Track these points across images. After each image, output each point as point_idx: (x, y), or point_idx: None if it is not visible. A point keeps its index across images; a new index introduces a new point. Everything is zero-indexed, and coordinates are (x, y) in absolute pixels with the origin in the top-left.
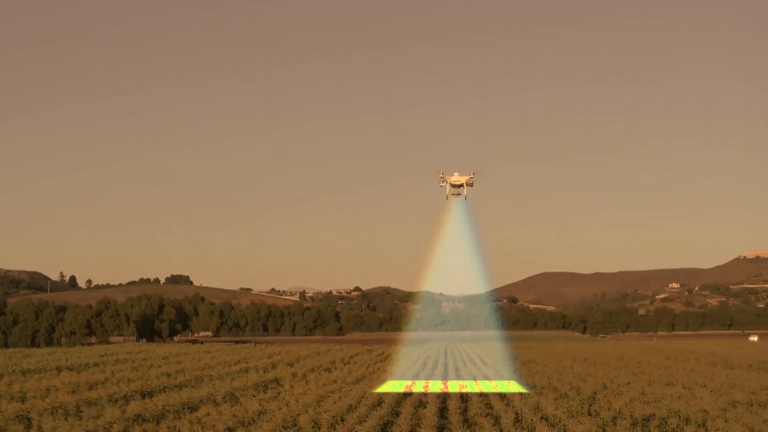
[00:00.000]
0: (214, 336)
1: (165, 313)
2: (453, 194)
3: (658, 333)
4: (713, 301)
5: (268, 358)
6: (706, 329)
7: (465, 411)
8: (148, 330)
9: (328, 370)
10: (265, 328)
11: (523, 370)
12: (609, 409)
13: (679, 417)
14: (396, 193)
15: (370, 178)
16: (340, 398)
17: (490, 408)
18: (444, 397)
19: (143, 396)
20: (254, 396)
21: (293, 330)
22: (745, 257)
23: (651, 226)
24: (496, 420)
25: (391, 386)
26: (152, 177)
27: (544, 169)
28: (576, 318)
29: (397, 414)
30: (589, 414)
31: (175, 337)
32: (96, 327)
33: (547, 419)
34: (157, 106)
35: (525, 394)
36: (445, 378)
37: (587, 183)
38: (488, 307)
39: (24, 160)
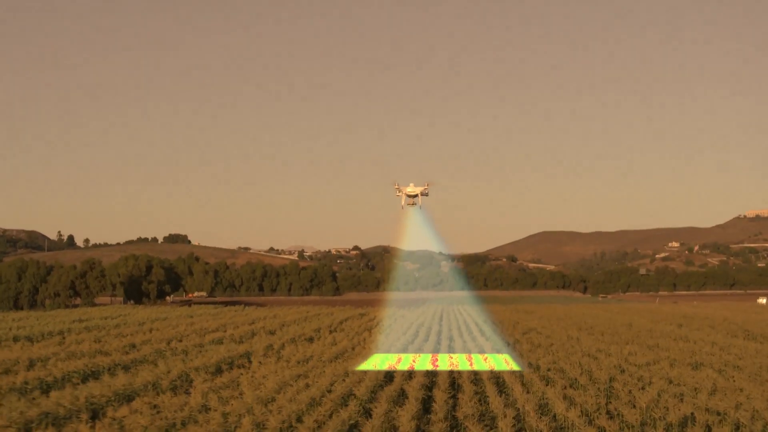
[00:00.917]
0: (209, 296)
1: (153, 274)
2: (408, 204)
3: (660, 293)
4: (713, 261)
5: (251, 324)
6: (708, 289)
7: (453, 407)
8: (135, 291)
9: (310, 340)
10: (261, 288)
11: (523, 342)
12: (633, 405)
13: (726, 420)
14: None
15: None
16: (307, 386)
17: (485, 403)
18: (431, 384)
19: (84, 379)
20: (209, 380)
21: (289, 290)
22: (745, 216)
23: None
24: (491, 425)
25: (375, 363)
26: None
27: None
28: (576, 278)
29: (368, 414)
30: (609, 416)
31: (168, 298)
32: (81, 288)
33: (556, 420)
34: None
35: (529, 382)
36: (436, 350)
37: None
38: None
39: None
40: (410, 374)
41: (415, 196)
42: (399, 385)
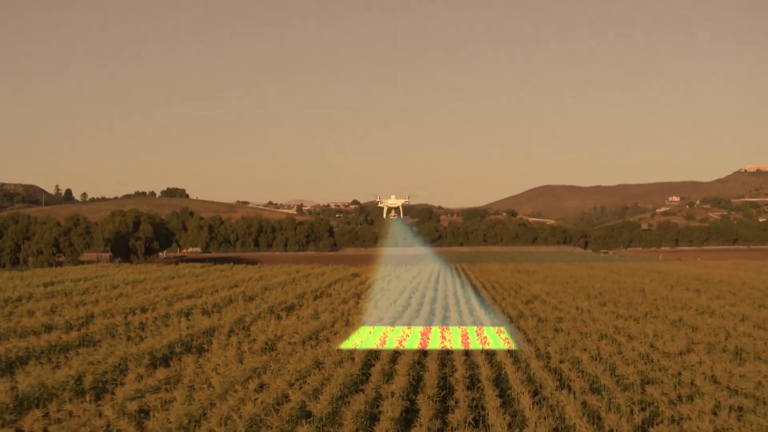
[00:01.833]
0: (204, 252)
1: (141, 230)
2: (390, 215)
3: (662, 248)
4: (714, 215)
5: (231, 288)
6: (711, 244)
7: (444, 413)
8: (122, 248)
9: (290, 309)
10: (257, 244)
11: (527, 315)
12: (676, 422)
13: None
14: (396, 98)
15: (370, 81)
16: (260, 388)
17: (479, 408)
18: (416, 384)
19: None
20: (146, 375)
21: (285, 245)
22: (745, 171)
23: (651, 139)
24: None
25: (359, 341)
26: (149, 87)
27: (543, 78)
28: (577, 233)
29: None
30: None
31: (161, 254)
32: (65, 246)
33: None
34: (160, 15)
35: (540, 382)
36: (429, 323)
37: (586, 94)
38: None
39: (19, 70)
40: (392, 372)
41: (397, 207)
42: (375, 386)
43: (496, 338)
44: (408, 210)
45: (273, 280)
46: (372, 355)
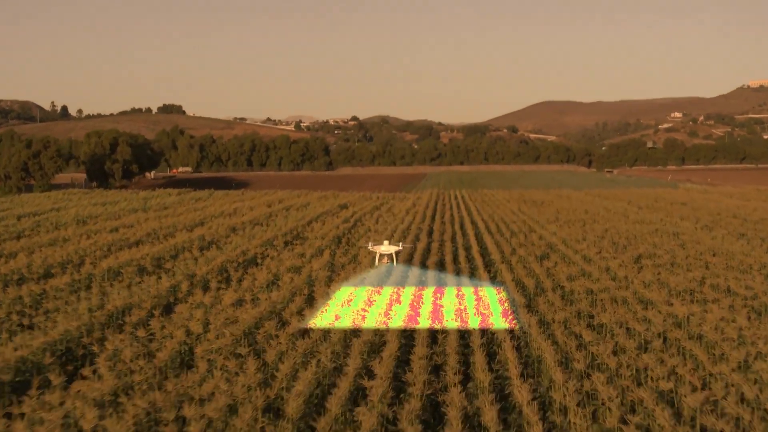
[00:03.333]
0: (194, 172)
1: (118, 152)
2: (382, 262)
3: (667, 167)
4: (718, 131)
5: (194, 228)
6: (718, 163)
7: None
8: (98, 171)
9: (251, 264)
10: (250, 163)
11: (546, 283)
12: None
13: None
14: (397, 13)
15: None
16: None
17: None
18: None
19: None
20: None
21: (279, 165)
22: (748, 86)
23: (652, 54)
24: None
25: (333, 317)
26: (147, 1)
27: None
28: (581, 151)
29: None
30: None
31: (148, 174)
32: (34, 170)
33: None
34: None
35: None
36: (421, 284)
37: (588, 8)
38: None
39: None
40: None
41: (390, 254)
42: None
43: (497, 318)
44: (407, 126)
45: (245, 217)
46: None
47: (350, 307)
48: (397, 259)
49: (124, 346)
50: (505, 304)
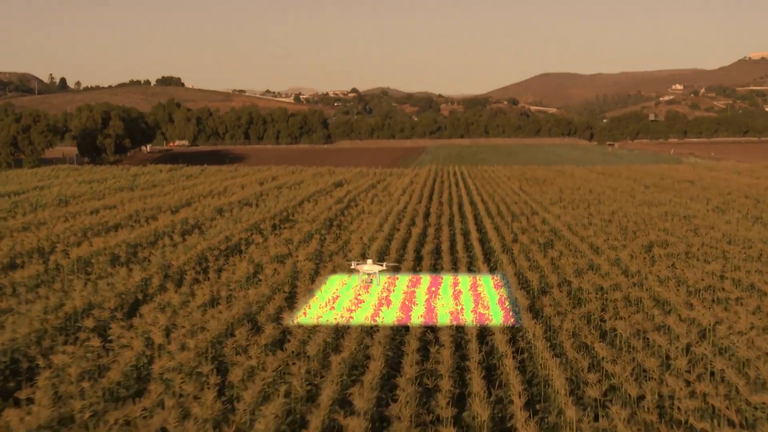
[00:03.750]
0: (191, 145)
1: (110, 126)
2: (366, 282)
3: (670, 140)
4: (720, 104)
5: (179, 210)
6: (720, 136)
7: None
8: (90, 146)
9: (236, 252)
10: (247, 136)
11: (553, 283)
12: None
13: None
14: None
15: None
16: None
17: None
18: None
19: None
20: None
21: (277, 138)
22: (750, 58)
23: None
24: None
25: (317, 313)
26: None
27: None
28: (582, 124)
29: None
30: None
31: (144, 148)
32: (24, 145)
33: None
34: None
35: None
36: (416, 270)
37: None
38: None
39: None
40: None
41: (373, 274)
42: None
43: (495, 311)
44: (407, 99)
45: (235, 196)
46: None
47: (339, 298)
48: (379, 280)
49: (73, 360)
50: (506, 304)
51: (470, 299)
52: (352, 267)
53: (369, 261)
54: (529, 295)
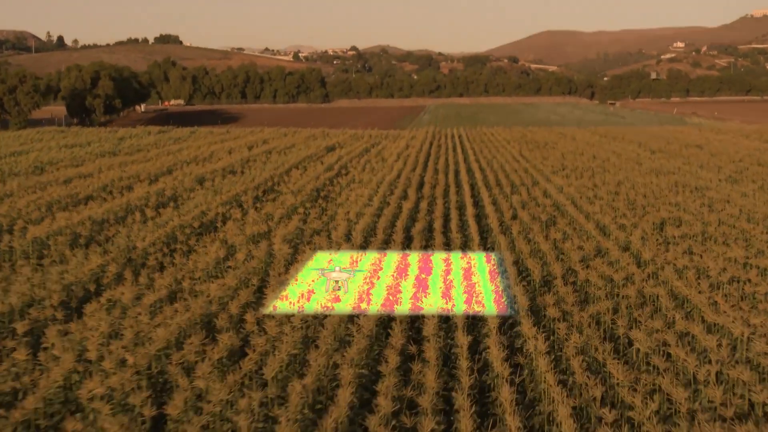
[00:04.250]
0: (187, 105)
1: (100, 86)
2: (334, 289)
3: (672, 99)
4: (721, 62)
5: (159, 179)
6: (723, 95)
7: None
8: (79, 107)
9: (210, 230)
10: (243, 95)
11: (557, 272)
12: None
13: None
14: None
15: None
16: None
17: None
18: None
19: None
20: None
21: (274, 97)
22: (752, 16)
23: None
24: None
25: (292, 301)
26: None
27: None
28: (583, 83)
29: None
30: None
31: (138, 107)
32: (10, 106)
33: None
34: None
35: None
36: (406, 247)
37: None
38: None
39: None
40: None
41: (341, 281)
42: None
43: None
44: (407, 57)
45: (220, 163)
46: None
47: (314, 294)
48: (347, 287)
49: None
50: (504, 299)
51: (462, 295)
52: (320, 274)
53: (337, 268)
54: (529, 288)
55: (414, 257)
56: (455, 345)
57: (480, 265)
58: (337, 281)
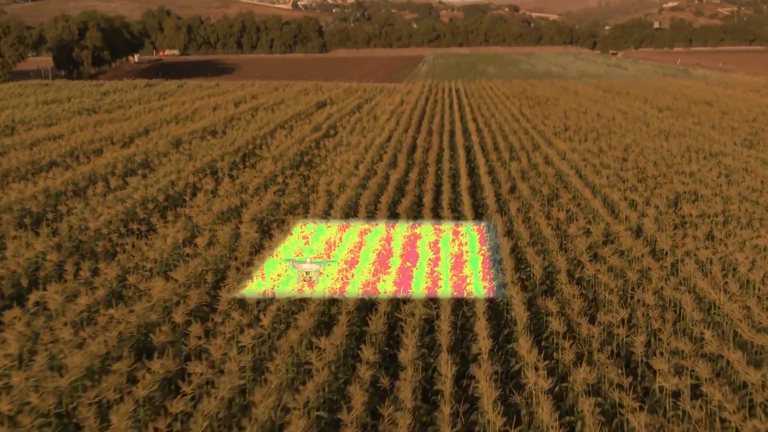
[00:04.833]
0: (182, 55)
1: (87, 38)
2: (304, 279)
3: (674, 49)
4: (724, 11)
5: (135, 140)
6: (727, 44)
7: None
8: (66, 59)
9: (177, 204)
10: (239, 45)
11: (561, 266)
12: None
13: None
14: None
15: None
16: None
17: None
18: None
19: None
20: None
21: (270, 47)
22: None
23: None
24: None
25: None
26: None
27: None
28: (584, 32)
29: None
30: None
31: (131, 58)
32: None
33: None
34: None
35: None
36: (392, 219)
37: None
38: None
39: None
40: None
41: (312, 272)
42: None
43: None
44: (407, 5)
45: (202, 122)
46: None
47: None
48: (318, 279)
49: None
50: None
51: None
52: (291, 266)
53: (308, 259)
54: (529, 285)
55: (398, 242)
56: (438, 374)
57: (472, 262)
58: (308, 272)
